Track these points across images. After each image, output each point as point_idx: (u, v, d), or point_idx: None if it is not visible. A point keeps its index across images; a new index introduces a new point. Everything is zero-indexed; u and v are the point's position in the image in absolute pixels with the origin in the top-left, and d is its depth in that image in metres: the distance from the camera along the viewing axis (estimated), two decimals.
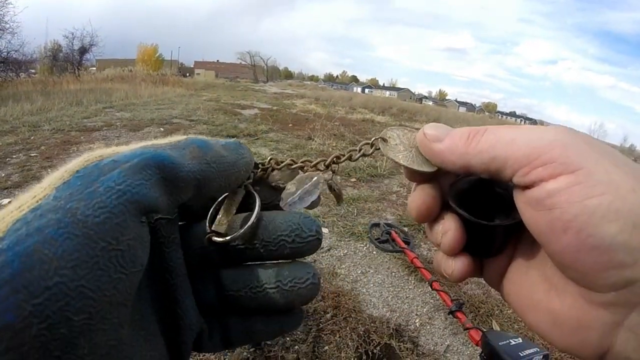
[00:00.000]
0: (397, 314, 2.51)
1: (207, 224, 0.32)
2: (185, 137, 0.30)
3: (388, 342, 2.22)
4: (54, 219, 0.20)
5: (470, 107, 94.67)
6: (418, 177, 0.36)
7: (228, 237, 0.31)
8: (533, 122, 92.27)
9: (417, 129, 0.36)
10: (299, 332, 2.19)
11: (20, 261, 0.18)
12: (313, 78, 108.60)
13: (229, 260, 0.33)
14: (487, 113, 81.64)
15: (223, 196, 0.34)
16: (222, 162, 0.30)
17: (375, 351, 2.15)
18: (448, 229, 0.34)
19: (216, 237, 0.31)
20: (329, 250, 3.13)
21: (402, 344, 2.23)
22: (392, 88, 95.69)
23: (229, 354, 1.99)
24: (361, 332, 2.25)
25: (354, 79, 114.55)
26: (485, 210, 0.33)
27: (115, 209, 0.22)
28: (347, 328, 2.27)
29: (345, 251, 3.16)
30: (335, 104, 16.51)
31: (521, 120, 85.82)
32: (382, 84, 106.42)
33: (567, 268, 0.27)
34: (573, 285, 0.27)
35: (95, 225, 0.21)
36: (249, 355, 1.97)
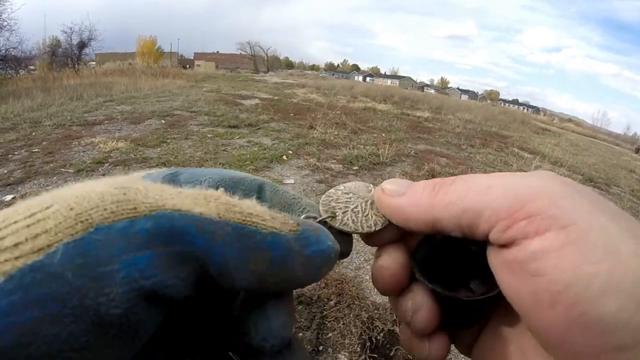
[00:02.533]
0: None
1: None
2: (269, 221, 0.22)
3: (392, 328, 2.22)
4: (59, 294, 0.16)
5: (472, 95, 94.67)
6: (377, 239, 0.32)
7: None
8: (536, 109, 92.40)
9: (374, 184, 0.33)
10: (302, 320, 2.20)
11: (15, 334, 0.15)
12: (314, 67, 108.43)
13: None
14: (489, 101, 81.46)
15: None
16: (287, 282, 0.23)
17: (378, 337, 2.16)
18: (419, 306, 0.28)
19: None
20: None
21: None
22: (394, 76, 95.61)
23: None
24: (365, 319, 2.26)
25: (356, 68, 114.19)
26: (460, 274, 0.30)
27: (131, 309, 0.17)
28: (351, 315, 2.28)
29: None
30: (337, 93, 16.46)
31: (524, 108, 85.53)
32: (383, 73, 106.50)
33: (552, 347, 0.22)
34: None
35: (109, 316, 0.17)
36: None
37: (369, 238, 0.32)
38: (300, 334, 2.10)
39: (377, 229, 0.31)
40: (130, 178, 0.22)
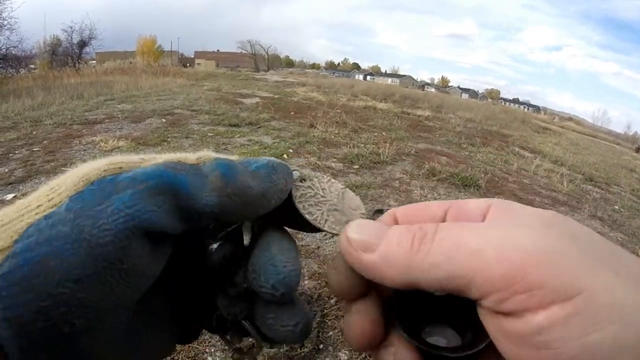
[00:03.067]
0: None
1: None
2: (214, 156, 0.27)
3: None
4: (63, 232, 0.21)
5: (473, 93, 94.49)
6: (347, 293, 0.28)
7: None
8: (536, 108, 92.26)
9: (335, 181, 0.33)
10: None
11: (29, 267, 0.20)
12: (314, 66, 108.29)
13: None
14: (490, 100, 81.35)
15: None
16: (246, 194, 0.26)
17: None
18: None
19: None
20: (332, 237, 3.09)
21: None
22: (394, 75, 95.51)
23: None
24: None
25: (356, 66, 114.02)
26: (443, 317, 0.28)
27: (120, 234, 0.22)
28: None
29: None
30: (337, 92, 16.46)
31: (525, 107, 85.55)
32: (384, 71, 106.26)
33: None
34: None
35: (99, 246, 0.21)
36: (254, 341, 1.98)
37: (340, 289, 0.29)
38: None
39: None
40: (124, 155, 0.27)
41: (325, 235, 3.09)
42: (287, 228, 0.32)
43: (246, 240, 0.29)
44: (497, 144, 9.10)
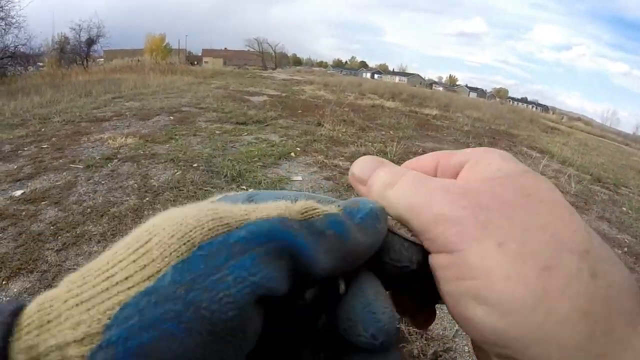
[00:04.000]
0: None
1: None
2: (322, 210, 0.25)
3: (397, 326, 2.21)
4: (174, 312, 0.17)
5: (481, 92, 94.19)
6: None
7: None
8: (545, 108, 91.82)
9: None
10: None
11: (135, 357, 0.16)
12: (322, 64, 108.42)
13: None
14: (498, 99, 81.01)
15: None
16: (357, 252, 0.25)
17: None
18: None
19: None
20: None
21: (410, 328, 2.23)
22: (402, 73, 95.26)
23: None
24: None
25: (363, 65, 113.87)
26: None
27: (246, 307, 0.19)
28: None
29: None
30: (344, 90, 16.46)
31: (533, 107, 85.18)
32: (391, 70, 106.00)
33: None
34: None
35: (222, 321, 0.18)
36: None
37: None
38: None
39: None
40: (212, 202, 0.25)
41: None
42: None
43: (342, 289, 0.27)
44: (505, 144, 9.07)
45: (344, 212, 0.26)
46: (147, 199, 3.30)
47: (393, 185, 0.30)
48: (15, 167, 4.01)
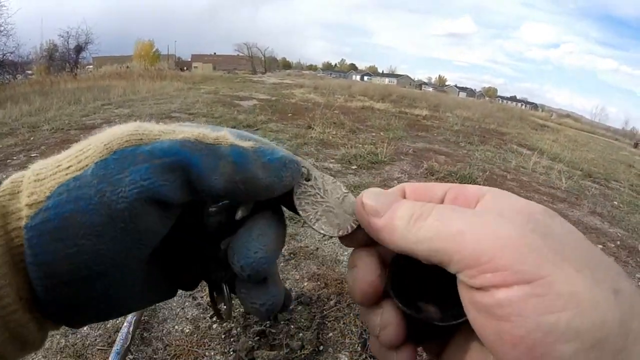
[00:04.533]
0: None
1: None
2: (231, 141, 0.29)
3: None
4: (87, 194, 0.25)
5: (470, 92, 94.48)
6: (349, 242, 0.34)
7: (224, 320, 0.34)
8: (534, 106, 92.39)
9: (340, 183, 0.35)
10: (302, 320, 2.20)
11: (59, 221, 0.24)
12: (311, 67, 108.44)
13: None
14: (487, 98, 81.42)
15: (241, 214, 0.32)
16: (252, 184, 0.29)
17: None
18: (387, 323, 0.31)
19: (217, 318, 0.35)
20: (331, 238, 3.09)
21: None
22: (392, 75, 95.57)
23: (234, 343, 2.00)
24: None
25: (353, 67, 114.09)
26: (432, 289, 0.30)
27: (134, 202, 0.25)
28: (351, 314, 2.28)
29: None
30: (334, 93, 16.50)
31: (522, 105, 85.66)
32: (381, 71, 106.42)
33: None
34: None
35: (117, 210, 0.25)
36: (253, 344, 1.98)
37: (342, 239, 0.34)
38: (301, 334, 2.10)
39: (345, 233, 0.33)
40: (157, 123, 0.30)
41: (324, 236, 3.09)
42: (285, 208, 0.35)
43: (238, 215, 0.32)
44: (495, 142, 9.11)
45: (256, 150, 0.30)
46: None
47: (425, 218, 0.28)
48: (5, 176, 3.91)
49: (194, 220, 0.32)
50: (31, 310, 0.26)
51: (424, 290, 0.31)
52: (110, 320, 2.08)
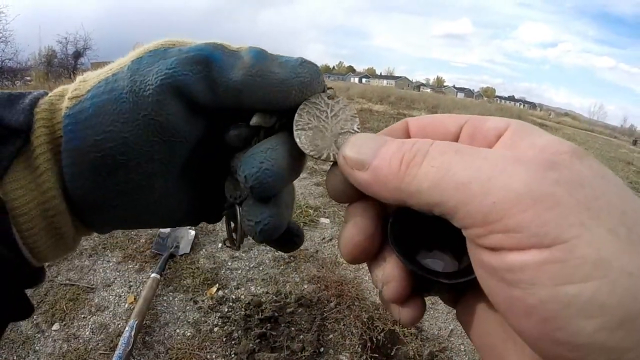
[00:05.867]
0: None
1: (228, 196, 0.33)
2: (248, 47, 0.30)
3: (392, 327, 2.23)
4: (121, 85, 0.27)
5: (468, 92, 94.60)
6: (342, 198, 0.30)
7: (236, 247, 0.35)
8: (532, 105, 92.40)
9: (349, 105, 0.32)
10: (303, 322, 2.21)
11: (94, 108, 0.27)
12: None
13: None
14: (485, 98, 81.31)
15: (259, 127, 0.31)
16: (268, 77, 0.28)
17: (379, 337, 2.17)
18: (389, 278, 0.27)
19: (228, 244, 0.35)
20: (330, 240, 3.14)
21: (406, 329, 2.24)
22: (390, 77, 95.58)
23: (235, 345, 2.01)
24: (365, 320, 2.27)
25: (351, 69, 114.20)
26: (439, 239, 0.28)
27: (159, 89, 0.27)
28: (351, 316, 2.29)
29: None
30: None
31: (520, 104, 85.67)
32: (379, 73, 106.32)
33: (528, 345, 0.21)
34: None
35: (143, 97, 0.27)
36: (254, 346, 1.99)
37: (335, 196, 0.30)
38: (301, 336, 2.11)
39: (316, 156, 0.30)
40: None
41: (323, 239, 3.10)
42: None
43: (253, 120, 0.30)
44: None
45: (276, 55, 0.30)
46: None
47: (419, 162, 0.23)
48: None
49: (220, 140, 0.32)
50: (67, 202, 0.29)
51: (432, 241, 0.28)
52: (112, 325, 2.10)
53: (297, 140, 0.30)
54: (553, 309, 0.18)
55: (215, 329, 2.16)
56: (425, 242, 0.28)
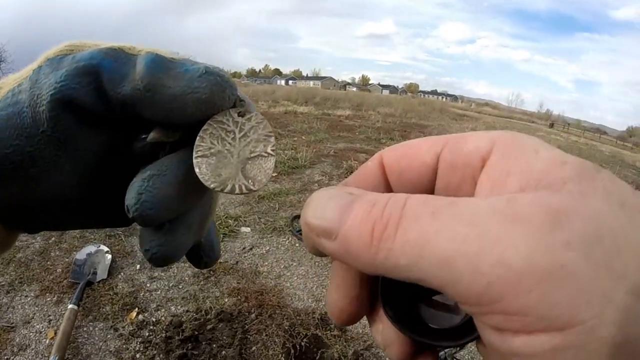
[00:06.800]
0: (323, 303, 2.53)
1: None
2: (150, 49, 0.28)
3: (315, 332, 2.24)
4: (23, 99, 0.27)
5: (393, 89, 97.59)
6: (320, 253, 0.24)
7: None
8: (454, 97, 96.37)
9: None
10: (224, 337, 2.18)
11: (2, 120, 0.27)
12: (236, 74, 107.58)
13: None
14: (409, 93, 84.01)
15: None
16: (159, 92, 0.25)
17: (302, 343, 2.17)
18: (389, 342, 0.24)
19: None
20: (251, 249, 3.12)
21: (329, 332, 2.26)
22: (316, 77, 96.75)
23: None
24: (287, 327, 2.27)
25: (277, 72, 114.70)
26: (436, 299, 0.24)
27: (49, 104, 0.26)
28: (273, 325, 2.28)
29: (268, 248, 3.16)
30: (258, 99, 16.43)
31: (443, 97, 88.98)
32: (305, 75, 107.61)
33: None
34: None
35: (39, 112, 0.26)
36: None
37: (310, 248, 0.24)
38: (223, 352, 2.08)
39: (218, 189, 0.26)
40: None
41: (244, 249, 3.07)
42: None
43: (150, 137, 0.27)
44: (416, 135, 9.38)
45: (175, 60, 0.27)
46: (53, 238, 3.13)
47: (392, 234, 0.18)
48: None
49: (130, 150, 0.30)
50: None
51: (427, 298, 0.24)
52: None
53: (197, 170, 0.26)
54: None
55: (137, 355, 2.10)
56: (423, 293, 0.23)
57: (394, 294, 0.24)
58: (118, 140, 0.29)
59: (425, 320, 0.24)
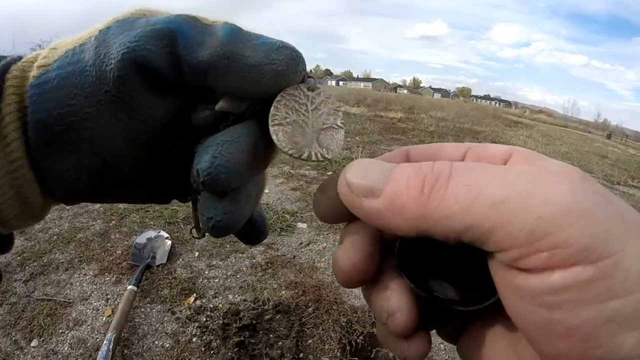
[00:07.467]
0: None
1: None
2: (224, 22, 0.28)
3: (371, 330, 2.24)
4: (86, 58, 0.27)
5: (444, 93, 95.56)
6: (337, 217, 0.27)
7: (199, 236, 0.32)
8: (507, 103, 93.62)
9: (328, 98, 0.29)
10: (281, 328, 2.21)
11: (58, 80, 0.26)
12: None
13: None
14: (461, 98, 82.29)
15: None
16: (236, 60, 0.25)
17: (358, 340, 2.17)
18: (396, 309, 0.25)
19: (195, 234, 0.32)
20: (308, 244, 3.14)
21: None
22: (367, 79, 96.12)
23: (214, 355, 2.01)
24: (344, 323, 2.27)
25: (328, 73, 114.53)
26: (448, 267, 0.25)
27: (120, 64, 0.25)
28: (330, 320, 2.29)
29: (325, 244, 3.17)
30: None
31: (496, 103, 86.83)
32: (356, 76, 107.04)
33: None
34: None
35: (105, 72, 0.26)
36: (233, 355, 1.99)
37: (323, 217, 0.28)
38: (280, 343, 2.11)
39: (296, 155, 0.27)
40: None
41: (300, 244, 3.12)
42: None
43: (218, 105, 0.28)
44: (470, 140, 9.09)
45: (252, 33, 0.27)
46: (113, 222, 3.25)
47: (445, 184, 0.21)
48: None
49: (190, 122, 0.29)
50: (35, 172, 0.28)
51: (438, 267, 0.25)
52: (90, 339, 2.07)
53: (274, 137, 0.27)
54: (595, 326, 0.17)
55: (194, 339, 2.14)
56: (429, 270, 0.25)
57: (407, 265, 0.25)
58: (180, 110, 0.29)
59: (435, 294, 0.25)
